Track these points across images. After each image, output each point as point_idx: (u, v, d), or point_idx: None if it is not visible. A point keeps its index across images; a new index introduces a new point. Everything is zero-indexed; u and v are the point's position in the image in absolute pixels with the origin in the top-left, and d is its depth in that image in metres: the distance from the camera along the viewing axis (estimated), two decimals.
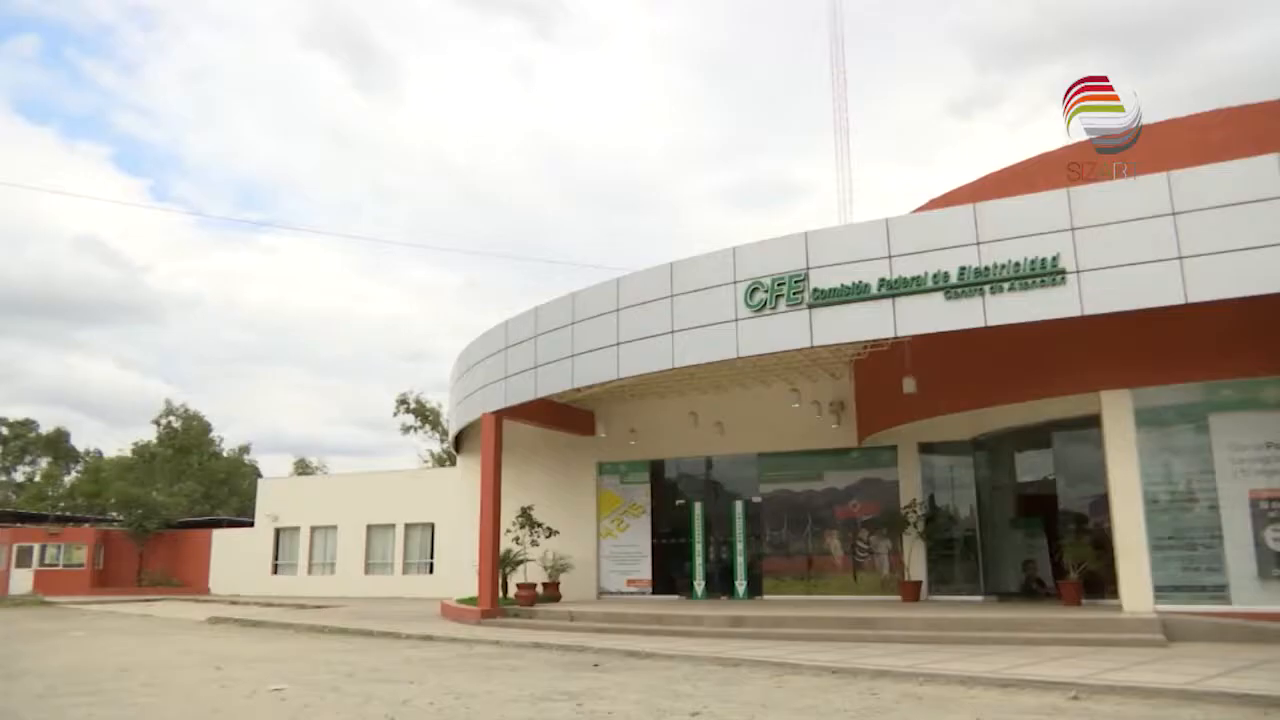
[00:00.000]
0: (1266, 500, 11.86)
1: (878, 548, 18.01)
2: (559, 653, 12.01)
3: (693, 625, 14.05)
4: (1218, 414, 12.28)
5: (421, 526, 30.34)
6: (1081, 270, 10.96)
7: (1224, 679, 7.97)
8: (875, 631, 12.52)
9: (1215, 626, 11.15)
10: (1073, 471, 15.20)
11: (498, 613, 16.65)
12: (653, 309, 13.96)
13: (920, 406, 15.24)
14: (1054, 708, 7.18)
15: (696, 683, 8.94)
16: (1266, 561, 11.75)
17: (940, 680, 8.57)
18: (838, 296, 12.20)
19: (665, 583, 19.81)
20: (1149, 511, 12.29)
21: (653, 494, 20.42)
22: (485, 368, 17.84)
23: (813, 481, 18.91)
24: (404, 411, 48.56)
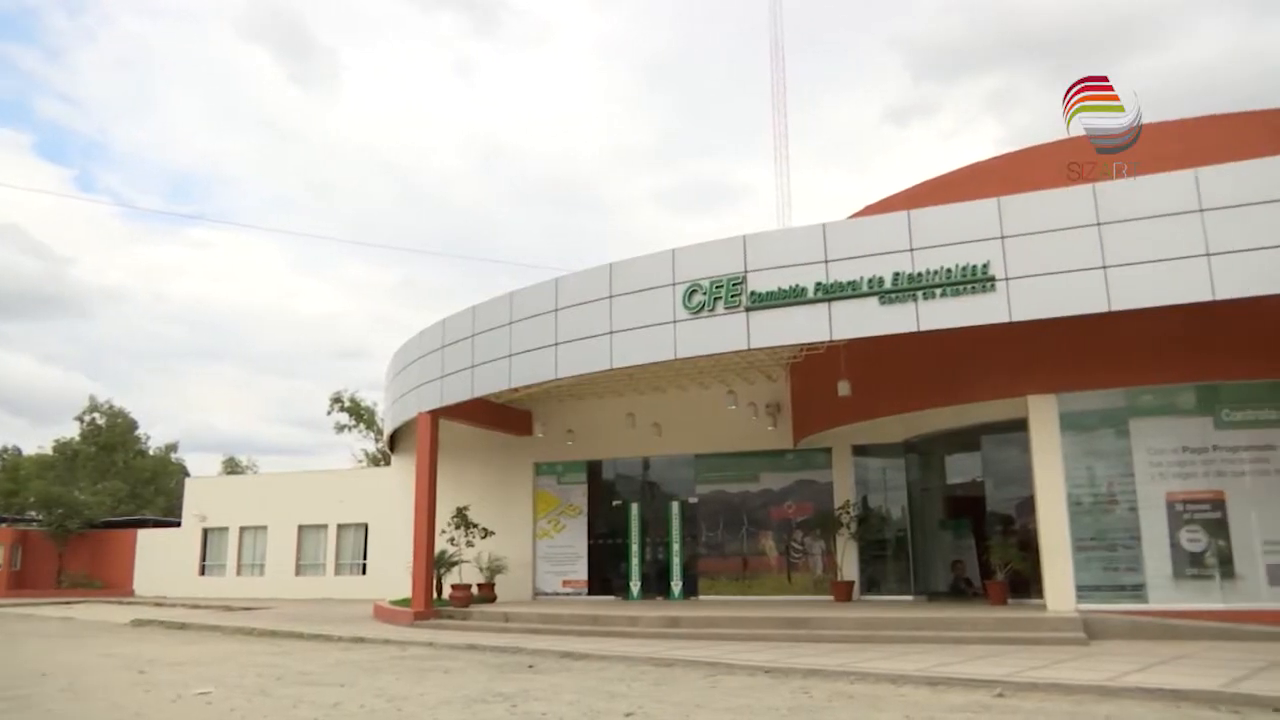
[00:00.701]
0: (1182, 502, 12.29)
1: (811, 548, 18.23)
2: (493, 654, 11.93)
3: (628, 626, 14.07)
4: (1138, 419, 12.69)
5: (355, 527, 29.89)
6: (1011, 278, 11.24)
7: (1139, 675, 8.24)
8: (809, 631, 12.68)
9: (1132, 625, 11.53)
10: (1000, 474, 15.57)
11: (431, 614, 16.48)
12: (591, 309, 13.96)
13: (854, 409, 15.47)
14: (981, 705, 7.35)
15: (631, 683, 8.96)
16: (1181, 561, 12.18)
17: (871, 679, 8.71)
18: (775, 300, 12.34)
19: (601, 583, 19.81)
20: (1072, 513, 12.65)
21: (590, 494, 20.40)
22: (421, 366, 17.65)
23: (749, 483, 19.08)
24: (338, 410, 47.86)
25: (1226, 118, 13.08)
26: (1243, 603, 11.78)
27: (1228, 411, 12.35)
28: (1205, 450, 12.34)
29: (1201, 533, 12.15)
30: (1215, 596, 11.94)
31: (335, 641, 14.28)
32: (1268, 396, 12.27)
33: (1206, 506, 12.20)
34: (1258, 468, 12.16)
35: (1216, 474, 12.25)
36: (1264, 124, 12.81)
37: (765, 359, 16.90)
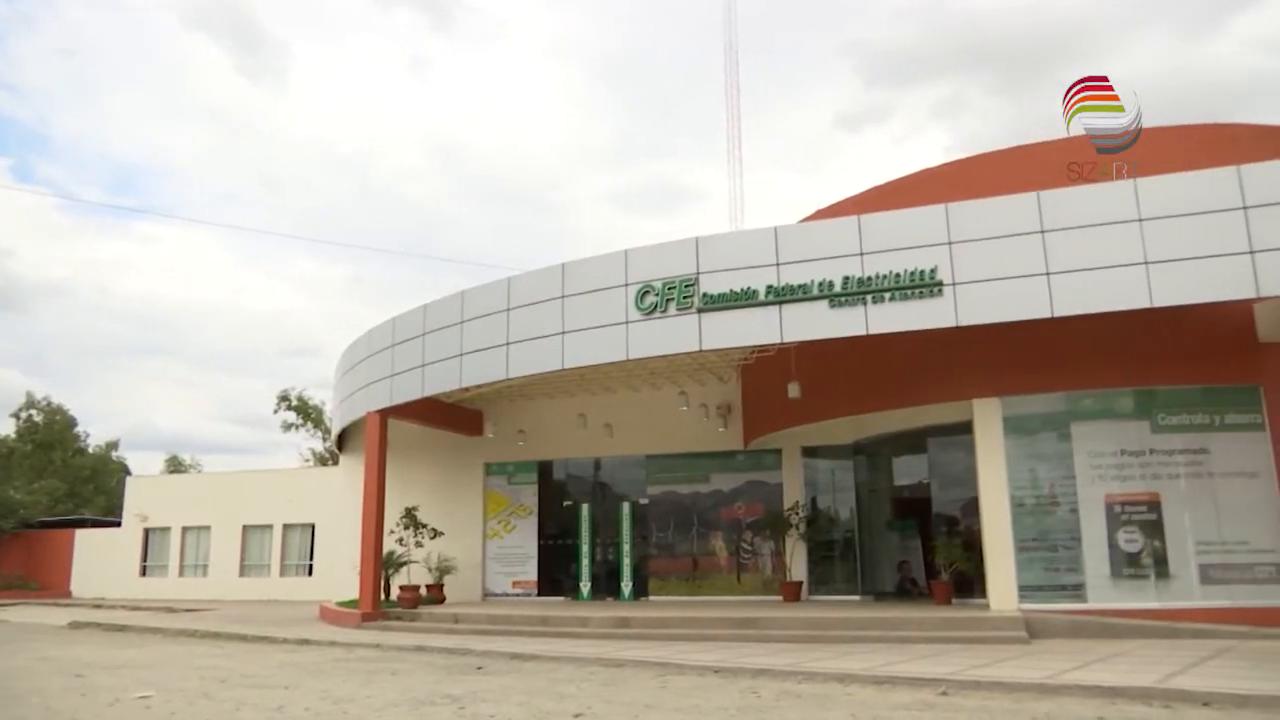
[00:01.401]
0: (1120, 504, 12.60)
1: (761, 549, 18.37)
2: (442, 656, 11.85)
3: (578, 626, 14.06)
4: (1079, 422, 12.98)
5: (301, 527, 29.46)
6: (958, 283, 11.45)
7: (1077, 673, 8.44)
8: (758, 631, 12.78)
9: (1072, 624, 11.79)
10: (946, 476, 15.83)
11: (379, 616, 16.32)
12: (544, 309, 13.93)
13: (804, 411, 15.62)
14: (925, 703, 7.47)
15: (581, 684, 8.96)
16: (1119, 562, 12.49)
17: (819, 678, 8.81)
18: (727, 302, 12.42)
19: (551, 584, 19.76)
20: (1015, 514, 12.90)
21: (540, 495, 20.34)
22: (371, 365, 17.47)
23: (699, 483, 19.17)
24: (285, 409, 47.11)
25: (1162, 131, 13.44)
26: (1176, 601, 12.12)
27: (1163, 415, 12.70)
28: (1142, 453, 12.67)
29: (1138, 533, 12.48)
30: (1150, 596, 12.27)
31: (280, 643, 14.08)
32: (1201, 401, 12.64)
33: (1143, 508, 12.53)
34: (1191, 470, 12.51)
35: (1153, 476, 12.58)
36: (1199, 138, 13.19)
37: (717, 360, 16.99)
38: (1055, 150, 13.51)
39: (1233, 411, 12.56)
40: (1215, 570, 12.21)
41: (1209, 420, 12.60)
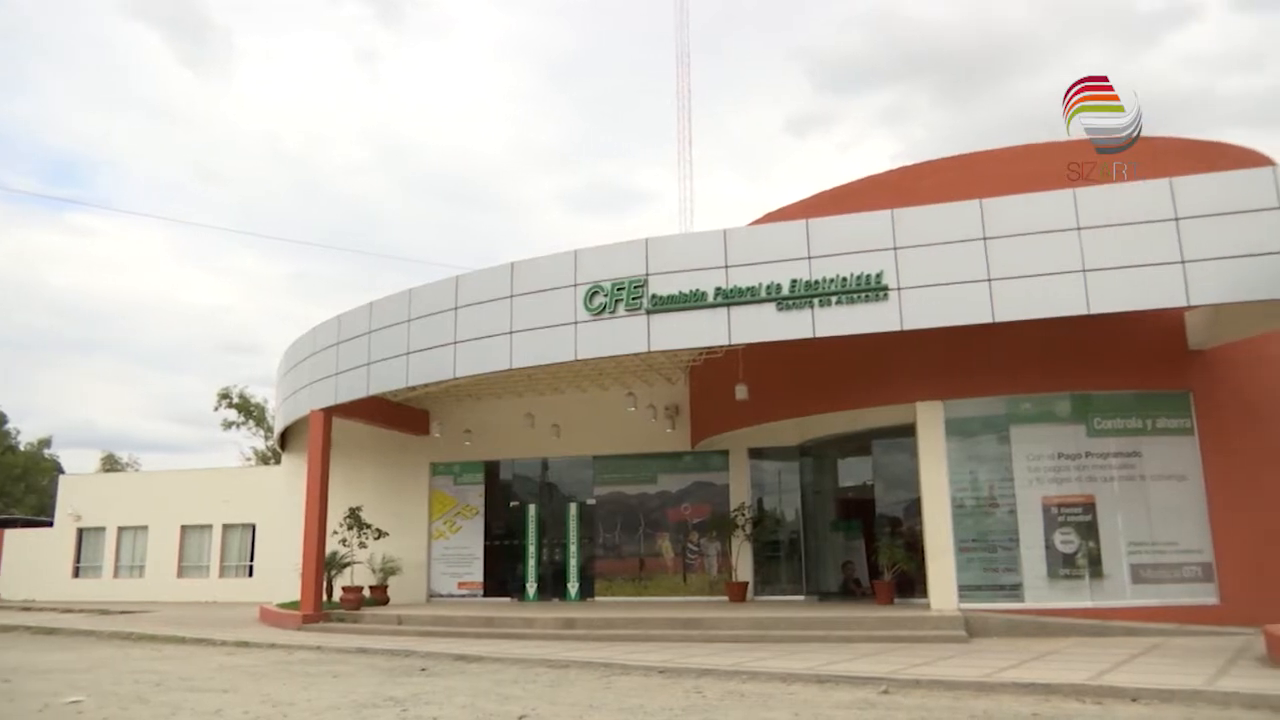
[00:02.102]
0: (1056, 506, 12.91)
1: (707, 550, 18.47)
2: (385, 658, 11.74)
3: (524, 628, 14.02)
4: (1018, 426, 13.27)
5: (241, 527, 28.95)
6: (903, 287, 11.63)
7: (1014, 671, 8.64)
8: (703, 631, 12.85)
9: (1009, 623, 12.06)
10: (889, 477, 16.06)
11: (321, 617, 16.10)
12: (492, 309, 13.86)
13: (751, 413, 15.74)
14: (866, 702, 7.58)
15: (525, 685, 8.94)
16: (1055, 562, 12.79)
17: (762, 678, 8.89)
18: (675, 303, 12.48)
19: (497, 585, 19.65)
20: (956, 516, 13.14)
21: (487, 495, 20.22)
22: (315, 363, 17.23)
23: (646, 484, 19.21)
24: (226, 406, 46.22)
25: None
26: (1109, 601, 12.45)
27: (1098, 420, 13.03)
28: (1078, 456, 12.99)
29: (1073, 535, 12.79)
30: (1084, 595, 12.59)
31: (219, 646, 13.82)
32: (1134, 407, 13.00)
33: (1078, 510, 12.85)
34: (1124, 473, 12.86)
35: (1088, 479, 12.91)
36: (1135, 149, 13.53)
37: (665, 362, 17.06)
38: (998, 160, 13.84)
39: (1164, 416, 12.93)
40: (1146, 570, 12.57)
41: (1141, 424, 12.97)
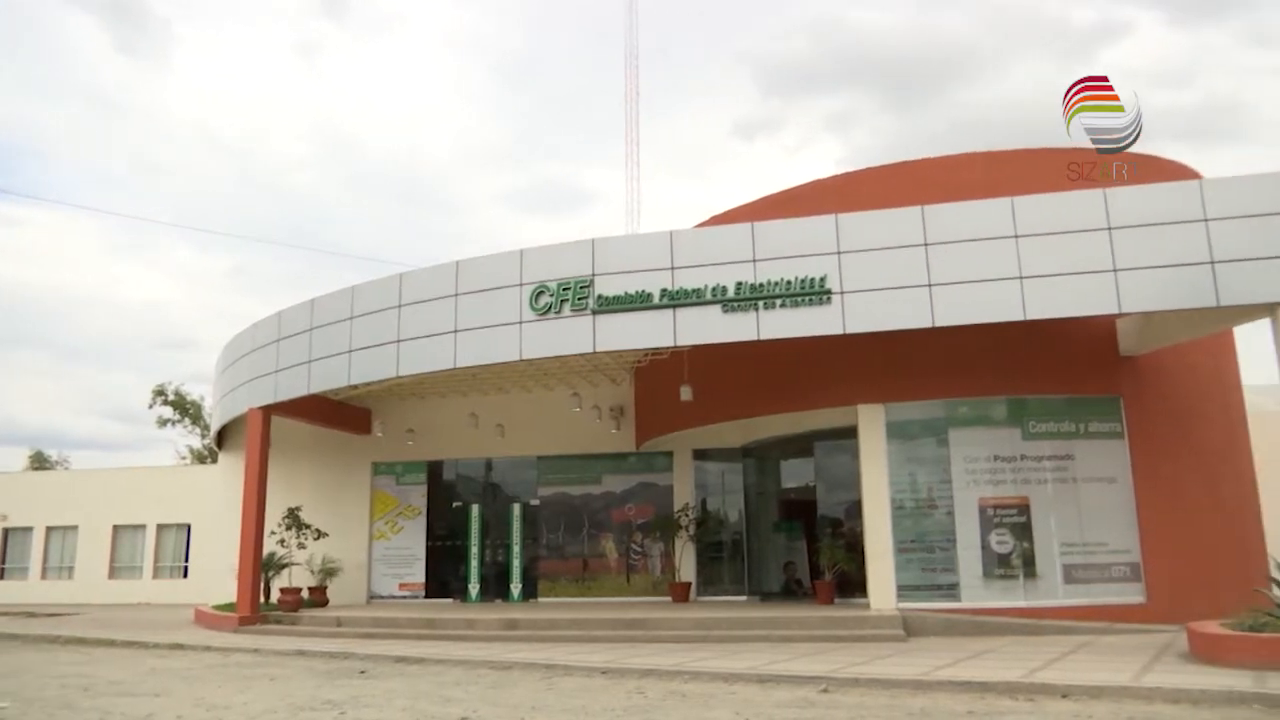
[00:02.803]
0: (993, 507, 13.19)
1: (651, 550, 18.52)
2: (323, 660, 11.57)
3: (466, 629, 13.93)
4: (956, 429, 13.52)
5: (176, 528, 28.28)
6: (846, 291, 11.80)
7: (950, 669, 8.80)
8: (646, 632, 12.88)
9: (946, 622, 12.29)
10: (831, 479, 16.25)
11: (258, 619, 15.82)
12: (436, 307, 13.75)
13: (696, 414, 15.82)
14: (806, 700, 7.67)
15: (467, 687, 8.88)
16: (991, 562, 13.06)
17: (704, 678, 8.95)
18: (621, 304, 12.50)
19: (439, 586, 19.49)
20: (895, 517, 13.35)
21: (429, 495, 20.05)
22: (254, 360, 16.92)
23: (591, 485, 19.21)
24: (161, 404, 45.09)
25: (1035, 152, 14.14)
26: (1042, 600, 12.75)
27: (1033, 423, 13.34)
28: (1014, 459, 13.27)
29: (1009, 536, 13.07)
30: (1019, 595, 12.87)
31: (151, 649, 13.50)
32: (1068, 411, 13.32)
33: (1014, 511, 13.13)
34: (1058, 476, 13.18)
35: (1023, 481, 13.20)
36: (1067, 161, 13.91)
37: (610, 362, 17.07)
38: (939, 167, 14.10)
39: (1096, 420, 13.28)
40: (1077, 570, 12.90)
41: (1074, 428, 13.30)
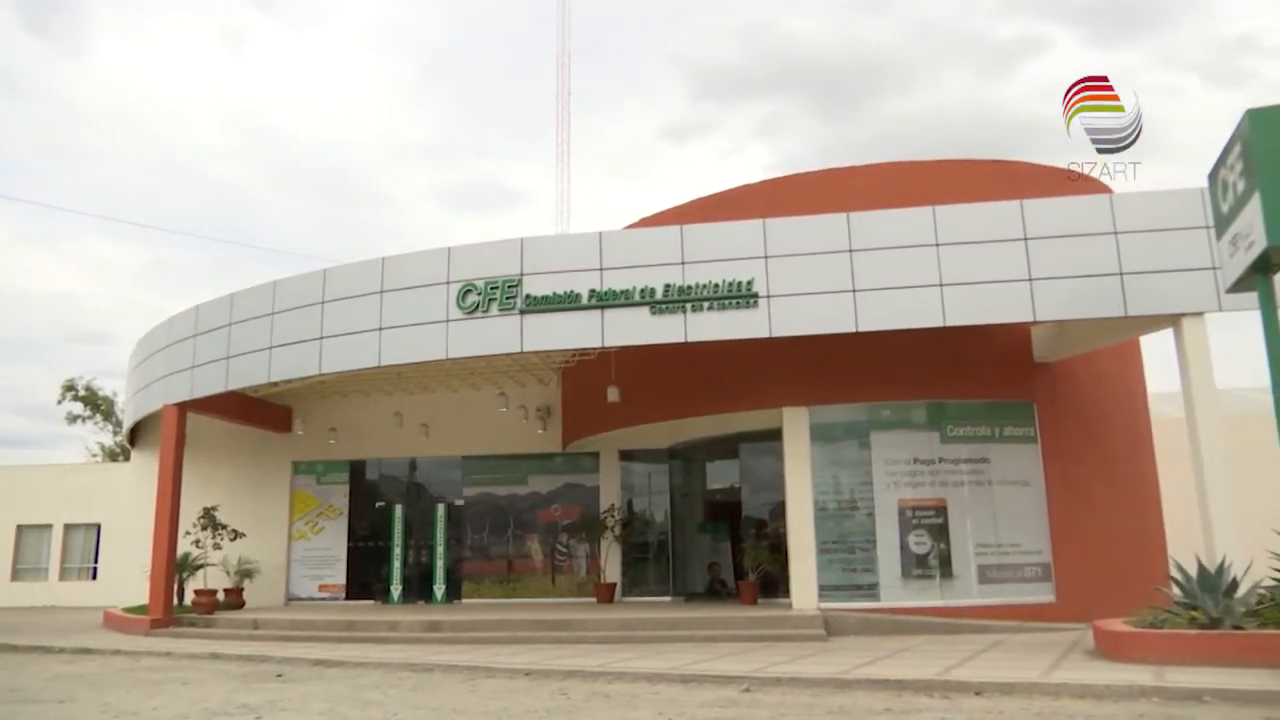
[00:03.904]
0: (911, 509, 13.49)
1: (576, 551, 18.50)
2: (239, 663, 11.29)
3: (387, 631, 13.74)
4: (878, 432, 13.80)
5: (85, 527, 27.32)
6: (772, 295, 11.95)
7: (869, 668, 8.98)
8: (571, 633, 12.86)
9: (866, 621, 12.53)
10: (756, 480, 16.45)
11: (171, 622, 15.37)
12: (361, 304, 13.54)
13: (623, 415, 15.85)
14: (729, 700, 7.74)
15: (387, 690, 8.76)
16: (909, 563, 13.36)
17: (628, 678, 8.96)
18: (549, 304, 12.47)
19: (361, 588, 19.17)
20: (818, 518, 13.56)
21: (351, 495, 19.71)
22: (171, 355, 16.44)
23: (517, 485, 19.11)
24: (71, 399, 43.49)
25: (957, 163, 14.53)
26: (958, 600, 13.09)
27: (952, 427, 13.69)
28: (933, 462, 13.60)
29: (927, 537, 13.39)
30: (936, 595, 13.19)
31: (56, 653, 13.00)
32: (984, 415, 13.71)
33: (931, 513, 13.46)
34: (974, 478, 13.55)
35: (941, 483, 13.54)
36: (988, 172, 14.37)
37: (538, 362, 17.01)
38: (865, 175, 14.39)
39: (1010, 425, 13.69)
40: (991, 570, 13.28)
41: (990, 432, 13.68)
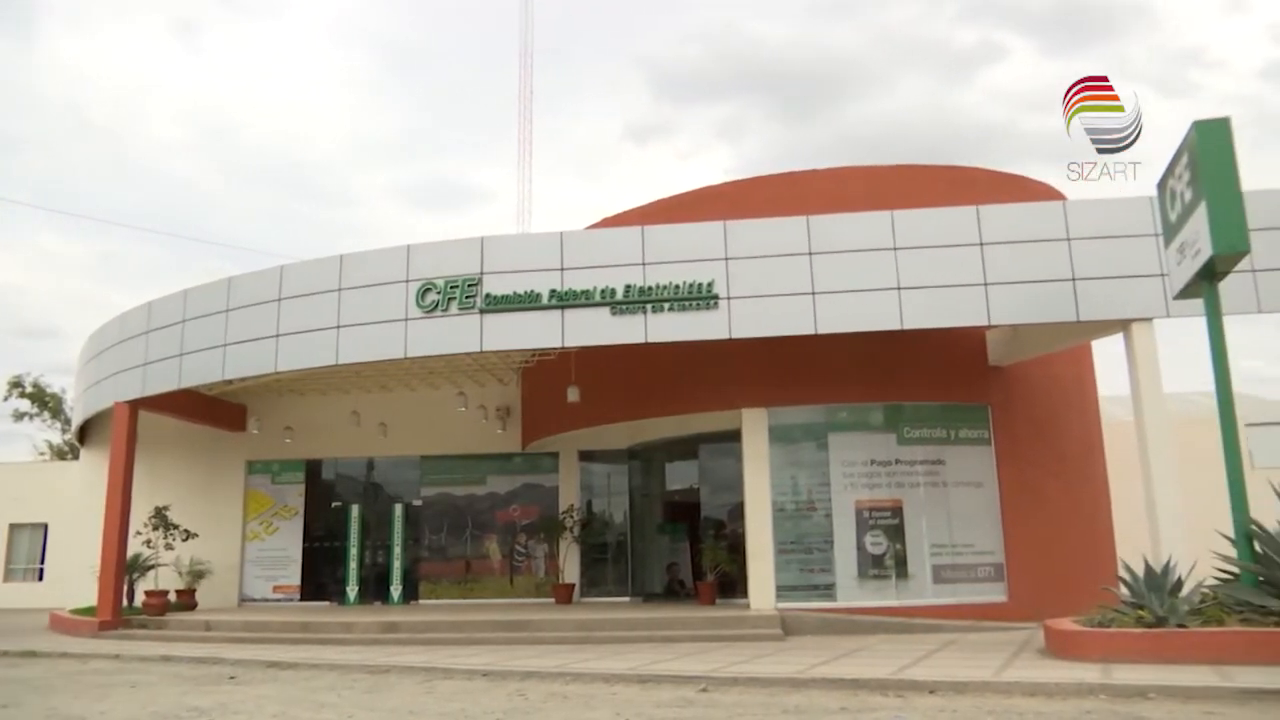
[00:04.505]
0: (868, 510, 13.63)
1: (535, 551, 18.45)
2: (190, 665, 11.12)
3: (343, 632, 13.60)
4: (835, 433, 13.93)
5: (32, 527, 26.69)
6: (732, 297, 12.02)
7: (825, 667, 9.06)
8: (529, 634, 12.83)
9: (822, 621, 12.64)
10: (715, 481, 16.52)
11: (120, 624, 15.09)
12: (318, 301, 13.39)
13: (582, 415, 15.84)
14: (686, 700, 7.77)
15: (342, 692, 8.67)
16: (865, 563, 13.50)
17: (586, 679, 8.96)
18: (510, 304, 12.43)
19: (316, 589, 18.95)
20: (776, 519, 13.65)
21: (307, 495, 19.48)
22: (122, 351, 16.14)
23: (475, 485, 19.02)
24: (18, 396, 42.46)
25: (915, 169, 14.72)
26: (913, 599, 13.25)
27: (908, 429, 13.85)
28: (889, 463, 13.75)
29: (883, 537, 13.53)
30: (891, 594, 13.34)
31: (0, 656, 12.71)
32: (940, 417, 13.89)
33: (888, 513, 13.61)
34: (930, 479, 13.72)
35: (897, 485, 13.69)
36: (947, 177, 14.56)
37: (497, 362, 16.94)
38: (825, 179, 14.51)
39: (965, 427, 13.89)
40: (945, 570, 13.46)
41: (946, 434, 13.87)
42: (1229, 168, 8.94)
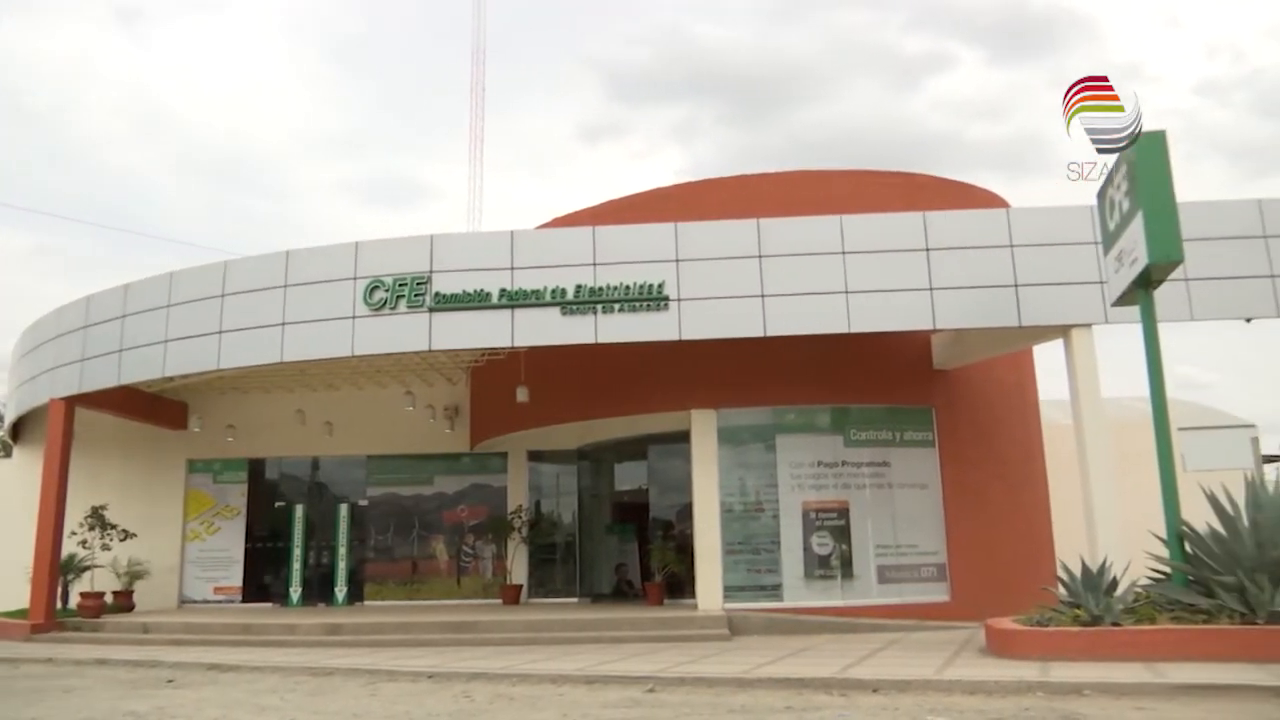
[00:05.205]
0: (815, 511, 13.78)
1: (483, 552, 18.34)
2: (127, 669, 10.87)
3: (285, 634, 13.40)
4: (783, 435, 14.05)
5: None
6: (683, 298, 12.08)
7: (771, 667, 9.14)
8: (475, 635, 12.76)
9: (769, 621, 12.75)
10: (664, 482, 16.57)
11: (54, 626, 14.69)
12: (263, 298, 13.18)
13: (532, 415, 15.79)
14: (633, 700, 7.79)
15: (284, 695, 8.55)
16: (811, 564, 13.64)
17: (532, 680, 8.94)
18: (459, 302, 12.35)
19: (259, 590, 18.63)
20: (725, 520, 13.73)
21: (250, 495, 19.14)
22: (58, 347, 15.72)
23: (423, 485, 18.85)
24: None
25: (864, 174, 14.92)
26: (858, 599, 13.42)
27: (854, 431, 14.02)
28: (836, 465, 13.92)
29: (829, 538, 13.69)
30: (837, 594, 13.50)
31: None
32: (886, 420, 14.09)
33: (834, 514, 13.77)
34: (875, 481, 13.91)
35: (843, 486, 13.86)
36: (896, 183, 14.78)
37: (446, 361, 16.81)
38: (775, 182, 14.64)
39: (910, 429, 14.10)
40: (890, 571, 13.65)
41: (891, 437, 14.07)
42: (1165, 180, 9.23)
